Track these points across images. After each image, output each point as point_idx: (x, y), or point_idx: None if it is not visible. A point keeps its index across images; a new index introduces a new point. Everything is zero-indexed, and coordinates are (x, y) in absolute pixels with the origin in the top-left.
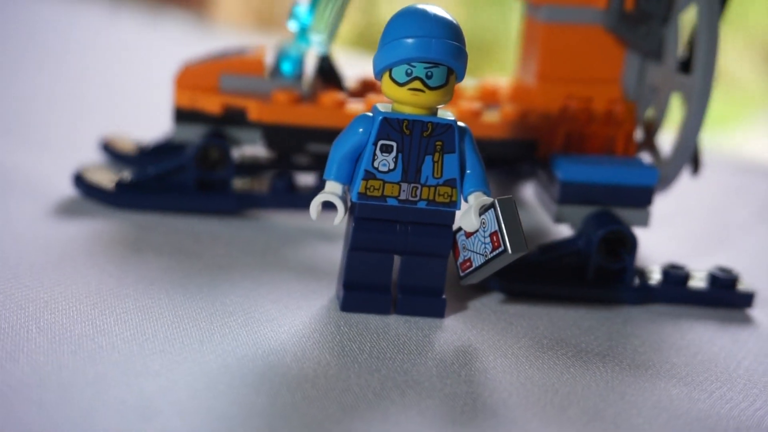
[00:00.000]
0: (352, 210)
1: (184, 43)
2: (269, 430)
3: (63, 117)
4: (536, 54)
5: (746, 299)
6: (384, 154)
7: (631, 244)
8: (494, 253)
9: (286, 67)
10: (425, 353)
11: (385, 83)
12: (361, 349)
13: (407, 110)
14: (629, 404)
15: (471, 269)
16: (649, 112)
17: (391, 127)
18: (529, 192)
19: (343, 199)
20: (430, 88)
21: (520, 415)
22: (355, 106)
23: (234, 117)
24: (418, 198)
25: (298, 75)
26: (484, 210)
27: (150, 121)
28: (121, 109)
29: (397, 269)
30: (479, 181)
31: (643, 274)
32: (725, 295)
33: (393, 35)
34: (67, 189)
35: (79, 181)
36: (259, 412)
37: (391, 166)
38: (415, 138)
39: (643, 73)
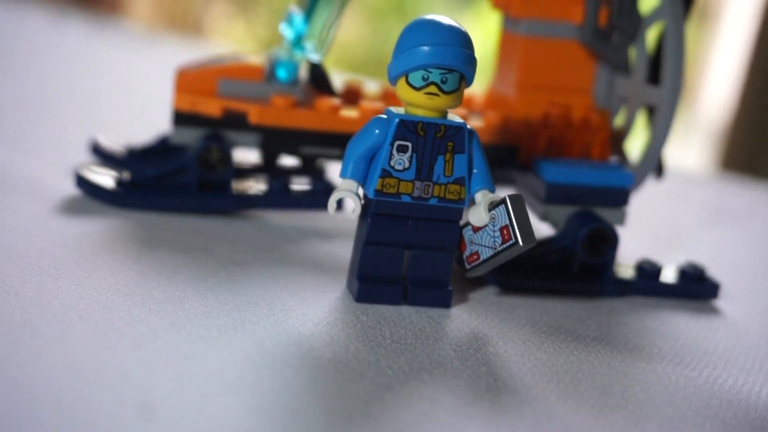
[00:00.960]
0: (366, 206)
1: (125, 48)
2: (320, 405)
3: (40, 120)
4: (516, 65)
5: (712, 291)
6: (400, 154)
7: (612, 240)
8: (504, 246)
9: (282, 74)
10: (441, 339)
11: (401, 87)
12: (383, 335)
13: (420, 113)
14: (633, 381)
15: (478, 262)
16: (618, 120)
17: (407, 128)
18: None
19: (359, 195)
20: (445, 93)
21: (539, 393)
22: (349, 112)
23: (232, 120)
24: (429, 195)
25: (294, 81)
26: (493, 206)
27: (117, 124)
28: (92, 114)
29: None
30: (486, 179)
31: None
32: (695, 288)
33: (410, 43)
34: (65, 189)
35: (82, 181)
36: (305, 390)
37: (406, 165)
38: (429, 139)
39: (612, 84)
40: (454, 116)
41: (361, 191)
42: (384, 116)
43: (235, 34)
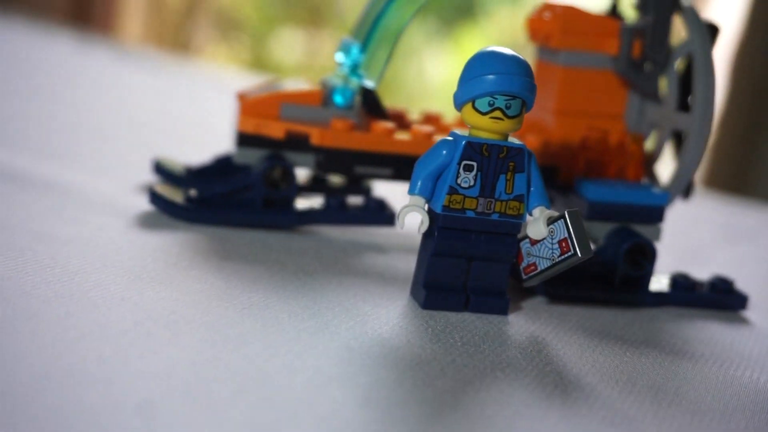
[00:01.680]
0: (433, 221)
1: (144, 73)
2: (413, 397)
3: (94, 142)
4: (554, 92)
5: (742, 302)
6: (466, 173)
7: (651, 254)
8: (563, 257)
9: (339, 99)
10: (505, 342)
11: (468, 112)
12: (453, 338)
13: (484, 135)
14: (683, 381)
15: (535, 272)
16: (648, 145)
17: (473, 149)
18: None
19: (426, 211)
20: (508, 117)
21: (601, 390)
22: (402, 135)
23: (293, 141)
24: (492, 211)
25: (350, 105)
26: (551, 221)
27: (163, 144)
28: (137, 135)
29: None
30: (542, 197)
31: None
32: (725, 299)
33: (477, 72)
34: (138, 205)
35: (155, 197)
36: (396, 384)
37: (471, 183)
38: (493, 159)
39: (643, 111)
40: (514, 139)
41: (427, 207)
42: (450, 138)
43: (219, 57)
